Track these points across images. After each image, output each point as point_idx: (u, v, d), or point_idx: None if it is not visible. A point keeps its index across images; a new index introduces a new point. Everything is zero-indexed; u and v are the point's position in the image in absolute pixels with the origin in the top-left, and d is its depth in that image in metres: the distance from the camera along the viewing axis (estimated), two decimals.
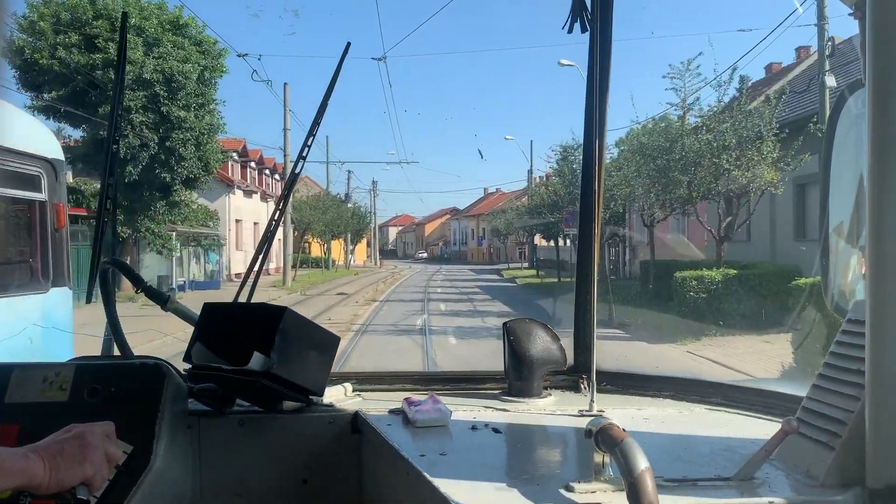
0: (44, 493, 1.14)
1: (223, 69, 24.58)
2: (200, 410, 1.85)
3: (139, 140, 22.06)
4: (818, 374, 1.40)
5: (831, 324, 1.56)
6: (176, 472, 1.73)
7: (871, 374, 1.14)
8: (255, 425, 1.87)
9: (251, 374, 1.70)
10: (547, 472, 1.53)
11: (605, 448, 1.20)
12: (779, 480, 1.31)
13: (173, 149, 22.79)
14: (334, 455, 1.88)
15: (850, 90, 1.65)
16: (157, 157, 22.73)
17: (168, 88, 22.36)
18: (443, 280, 42.15)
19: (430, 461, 1.48)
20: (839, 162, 1.67)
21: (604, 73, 2.09)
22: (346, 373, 2.21)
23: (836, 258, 1.68)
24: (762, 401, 1.86)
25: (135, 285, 2.02)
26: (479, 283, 37.40)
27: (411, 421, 1.76)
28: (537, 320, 2.08)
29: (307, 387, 1.82)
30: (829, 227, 1.69)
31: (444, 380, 2.25)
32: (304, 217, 42.24)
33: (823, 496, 1.24)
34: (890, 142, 1.10)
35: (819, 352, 1.76)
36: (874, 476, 1.16)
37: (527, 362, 2.00)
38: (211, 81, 24.03)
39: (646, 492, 1.07)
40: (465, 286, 34.98)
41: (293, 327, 1.76)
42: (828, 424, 1.29)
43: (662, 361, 11.92)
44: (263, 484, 1.86)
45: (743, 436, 1.62)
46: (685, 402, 1.99)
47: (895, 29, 1.09)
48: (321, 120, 2.21)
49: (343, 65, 2.27)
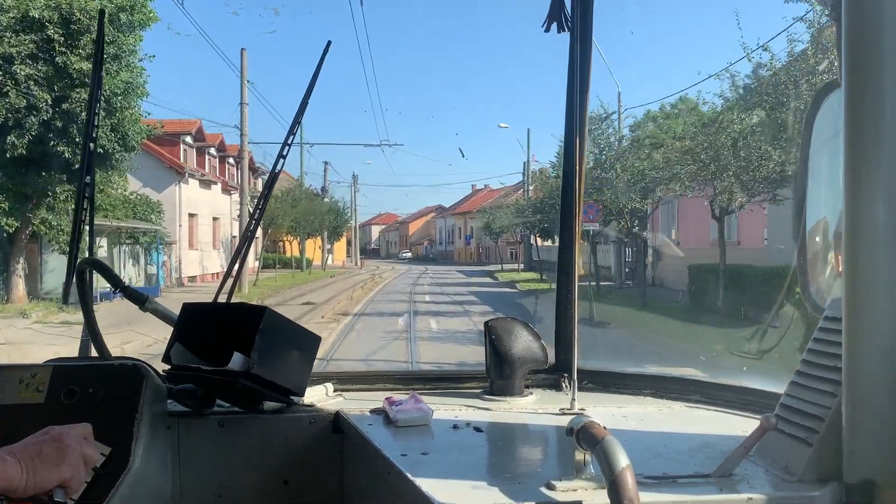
0: (20, 497, 1.12)
1: (149, 14, 18.69)
2: (180, 411, 1.84)
3: (25, 100, 16.65)
4: (796, 371, 1.41)
5: (809, 321, 1.58)
6: (155, 474, 1.71)
7: (847, 370, 1.16)
8: (236, 426, 1.85)
9: (231, 375, 1.69)
10: (528, 470, 1.54)
11: (586, 446, 1.20)
12: (757, 476, 1.32)
13: (73, 113, 16.84)
14: (315, 455, 1.87)
15: (826, 90, 1.67)
16: (52, 125, 16.98)
17: (66, 32, 16.77)
18: (430, 284, 37.54)
19: (412, 461, 1.47)
20: (816, 160, 1.69)
21: (584, 72, 2.09)
22: (328, 373, 2.20)
23: (814, 256, 1.69)
24: (741, 398, 1.87)
25: (113, 286, 2.00)
26: (474, 289, 32.48)
27: (393, 420, 1.76)
28: (519, 319, 2.09)
29: (288, 387, 1.81)
30: (807, 225, 1.71)
31: (425, 379, 2.25)
32: (269, 210, 35.17)
33: (801, 491, 1.25)
34: (865, 140, 1.11)
35: (797, 349, 1.78)
36: (851, 471, 1.17)
37: (508, 361, 2.01)
38: (129, 27, 18.19)
39: (626, 489, 1.08)
40: (458, 293, 30.29)
41: (274, 327, 1.75)
42: (805, 421, 1.31)
43: None
44: (244, 485, 1.85)
45: (722, 433, 1.63)
46: (665, 399, 2.01)
47: (870, 30, 1.11)
48: (301, 119, 2.20)
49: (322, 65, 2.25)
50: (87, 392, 1.65)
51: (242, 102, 27.54)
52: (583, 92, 2.10)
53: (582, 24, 2.07)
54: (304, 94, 2.21)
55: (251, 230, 2.28)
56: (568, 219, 2.21)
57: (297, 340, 1.84)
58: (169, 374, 1.81)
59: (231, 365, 1.68)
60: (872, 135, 1.11)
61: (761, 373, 2.14)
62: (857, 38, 1.13)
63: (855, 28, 1.13)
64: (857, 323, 1.14)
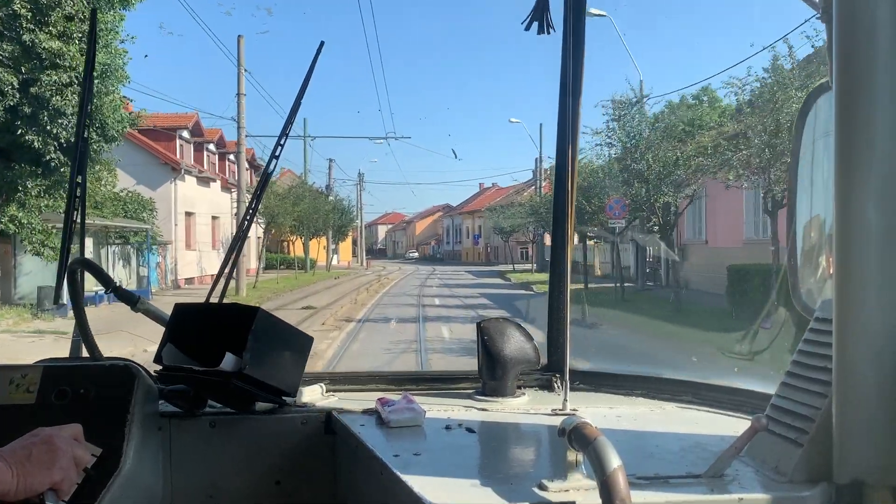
0: (12, 500, 1.11)
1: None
2: (171, 412, 1.83)
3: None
4: (786, 372, 1.42)
5: (800, 322, 1.58)
6: (146, 475, 1.71)
7: (837, 371, 1.16)
8: (228, 426, 1.85)
9: (223, 375, 1.68)
10: (520, 470, 1.54)
11: (578, 446, 1.20)
12: (748, 477, 1.33)
13: (42, 98, 15.13)
14: (308, 456, 1.87)
15: (817, 92, 1.68)
16: (19, 111, 15.18)
17: (34, 6, 15.04)
18: (439, 286, 35.68)
19: (404, 461, 1.47)
20: (807, 162, 1.70)
21: (577, 73, 2.10)
22: (320, 373, 2.19)
23: (804, 257, 1.70)
24: (732, 398, 1.88)
25: (104, 286, 1.99)
26: (486, 291, 30.96)
27: (385, 421, 1.76)
28: (511, 319, 2.09)
29: (280, 387, 1.80)
30: (798, 226, 1.72)
31: (417, 379, 2.25)
32: (269, 208, 34.15)
33: (792, 492, 1.26)
34: (855, 142, 1.12)
35: (787, 350, 1.78)
36: (841, 471, 1.18)
37: (500, 362, 2.01)
38: (108, 3, 16.17)
39: (618, 489, 1.08)
40: (469, 295, 28.74)
41: (266, 327, 1.75)
42: (796, 421, 1.31)
43: None
44: (236, 485, 1.84)
45: (713, 433, 1.64)
46: (657, 400, 2.02)
47: (861, 32, 1.11)
48: (294, 119, 2.19)
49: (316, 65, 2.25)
50: (79, 393, 1.64)
51: (239, 93, 26.53)
52: (575, 94, 2.10)
53: (575, 22, 2.08)
54: (296, 94, 2.20)
55: (244, 230, 2.27)
56: (560, 219, 2.22)
57: (290, 341, 1.84)
58: (160, 374, 1.80)
59: (223, 365, 1.67)
60: (863, 136, 1.11)
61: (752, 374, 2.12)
62: (848, 41, 1.14)
63: (846, 30, 1.14)
64: (847, 324, 1.15)
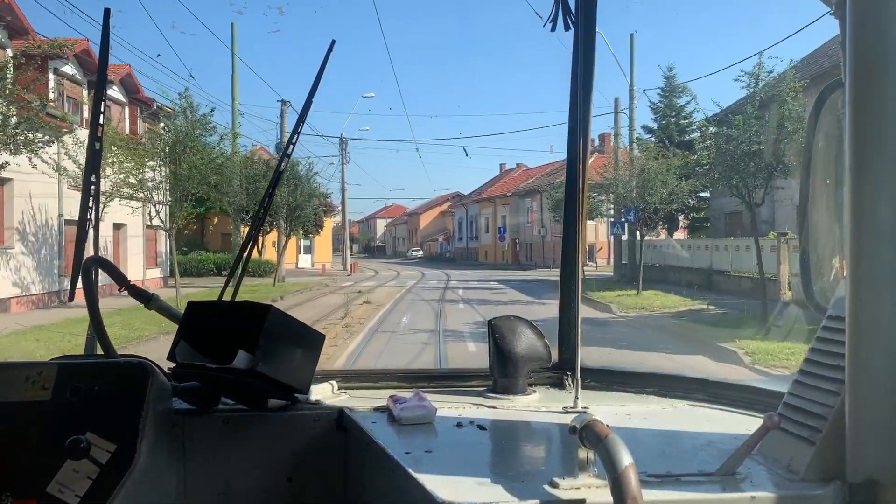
0: None
1: None
2: (185, 409, 1.84)
3: None
4: (799, 370, 1.41)
5: (812, 320, 1.58)
6: (160, 472, 1.72)
7: (850, 369, 1.16)
8: (240, 424, 1.86)
9: (236, 373, 1.70)
10: (531, 468, 1.54)
11: (590, 444, 1.21)
12: (760, 475, 1.32)
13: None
14: (319, 453, 1.88)
15: (830, 89, 1.67)
16: None
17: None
18: (473, 325, 15.86)
19: (416, 458, 1.48)
20: (819, 160, 1.69)
21: (588, 67, 2.09)
22: (332, 370, 2.20)
23: (817, 256, 1.70)
24: (744, 397, 1.87)
25: (119, 284, 2.00)
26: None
27: (396, 418, 1.76)
28: (522, 318, 2.09)
29: (292, 385, 1.81)
30: (810, 225, 1.71)
31: (429, 377, 2.25)
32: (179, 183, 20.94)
33: (804, 490, 1.25)
34: (869, 140, 1.11)
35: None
36: (854, 470, 1.18)
37: (512, 359, 2.01)
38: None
39: (630, 487, 1.08)
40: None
41: (278, 325, 1.76)
42: (808, 420, 1.31)
43: None
44: (248, 482, 1.86)
45: (725, 431, 1.63)
46: (668, 398, 2.01)
47: (874, 28, 1.11)
48: (306, 118, 2.20)
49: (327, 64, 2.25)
50: (93, 390, 1.65)
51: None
52: (587, 90, 2.10)
53: (586, 17, 2.07)
54: (308, 92, 2.21)
55: (255, 230, 2.28)
56: (571, 215, 2.21)
57: (302, 338, 1.85)
58: (174, 372, 1.82)
59: (236, 363, 1.69)
60: (877, 134, 1.11)
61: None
62: (861, 37, 1.13)
63: (859, 26, 1.13)
64: (860, 322, 1.14)
